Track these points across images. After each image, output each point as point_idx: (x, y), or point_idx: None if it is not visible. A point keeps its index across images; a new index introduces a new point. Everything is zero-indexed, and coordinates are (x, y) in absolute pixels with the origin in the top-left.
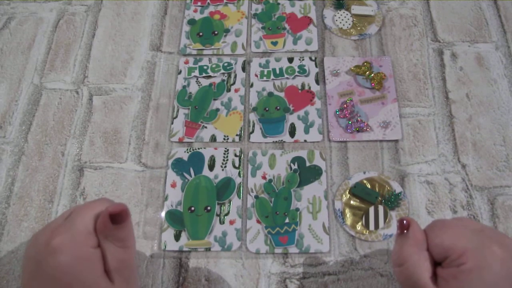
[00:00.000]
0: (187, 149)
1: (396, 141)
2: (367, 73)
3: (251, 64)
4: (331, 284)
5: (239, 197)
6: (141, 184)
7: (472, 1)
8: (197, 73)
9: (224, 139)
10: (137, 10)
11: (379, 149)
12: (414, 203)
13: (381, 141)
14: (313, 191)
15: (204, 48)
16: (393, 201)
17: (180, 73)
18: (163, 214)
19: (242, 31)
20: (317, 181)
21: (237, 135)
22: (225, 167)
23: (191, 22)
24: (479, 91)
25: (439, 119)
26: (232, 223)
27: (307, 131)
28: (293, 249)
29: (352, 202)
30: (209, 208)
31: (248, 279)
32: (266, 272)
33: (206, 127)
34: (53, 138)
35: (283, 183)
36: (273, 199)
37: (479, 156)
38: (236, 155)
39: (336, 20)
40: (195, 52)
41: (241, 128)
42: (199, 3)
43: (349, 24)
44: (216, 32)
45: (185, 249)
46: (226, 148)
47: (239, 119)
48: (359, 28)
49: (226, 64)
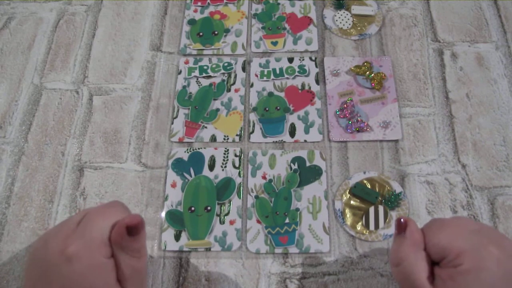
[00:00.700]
0: (187, 149)
1: (396, 141)
2: (367, 73)
3: (251, 64)
4: (331, 284)
5: (239, 197)
6: (141, 184)
7: (472, 1)
8: (197, 73)
9: (224, 139)
10: (137, 10)
11: (379, 149)
12: (414, 203)
13: (381, 141)
14: (313, 191)
15: (204, 48)
16: (393, 201)
17: (180, 73)
18: (163, 214)
19: (242, 31)
20: (317, 181)
21: (237, 135)
22: (225, 167)
23: (191, 22)
24: (479, 91)
25: (439, 119)
26: (232, 223)
27: (307, 131)
28: (293, 249)
29: (352, 202)
30: (209, 208)
31: (248, 279)
32: (266, 272)
33: (206, 127)
34: (53, 138)
35: (283, 183)
36: (273, 199)
37: (479, 156)
38: (236, 155)
39: (336, 20)
40: (195, 52)
41: (241, 128)
42: (199, 3)
43: (349, 24)
44: (216, 32)
45: (185, 249)
46: (226, 148)
47: (239, 119)
48: (359, 28)
49: (226, 64)
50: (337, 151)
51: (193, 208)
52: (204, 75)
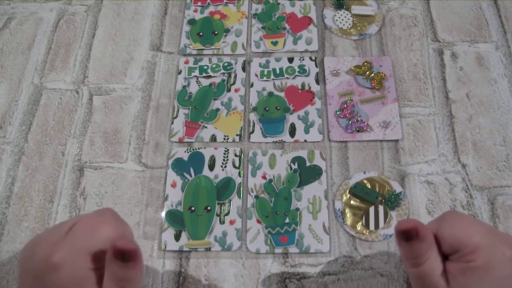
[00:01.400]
0: (187, 149)
1: (396, 141)
2: (367, 73)
3: (251, 64)
4: (331, 284)
5: (239, 197)
6: (141, 184)
7: (472, 1)
8: (197, 73)
9: (224, 139)
10: (137, 10)
11: (379, 149)
12: (414, 203)
13: (381, 141)
14: (313, 191)
15: (204, 48)
16: (393, 201)
17: (180, 73)
18: (163, 214)
19: (242, 31)
20: (317, 181)
21: (237, 135)
22: (225, 167)
23: (191, 22)
24: (479, 91)
25: (439, 119)
26: (232, 223)
27: (307, 131)
28: (293, 249)
29: (352, 202)
30: (209, 208)
31: (248, 279)
32: (266, 272)
33: (206, 127)
34: (53, 138)
35: (283, 183)
36: (273, 199)
37: (479, 156)
38: (236, 155)
39: (336, 20)
40: (195, 52)
41: (241, 128)
42: (199, 3)
43: (349, 24)
44: (216, 32)
45: (185, 249)
46: (226, 148)
47: (239, 119)
48: (359, 28)
49: (226, 64)
50: (337, 151)
51: (193, 208)
52: (204, 75)
